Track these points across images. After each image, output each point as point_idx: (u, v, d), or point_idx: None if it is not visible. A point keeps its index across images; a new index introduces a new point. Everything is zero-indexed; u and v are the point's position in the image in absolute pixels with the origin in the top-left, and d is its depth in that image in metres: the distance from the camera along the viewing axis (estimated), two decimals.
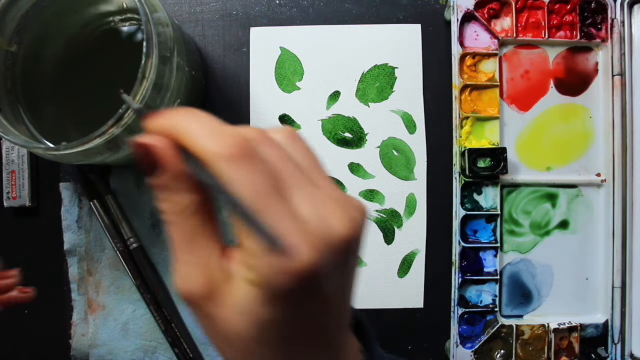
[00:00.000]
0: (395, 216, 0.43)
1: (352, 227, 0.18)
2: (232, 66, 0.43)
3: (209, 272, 0.18)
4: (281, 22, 0.43)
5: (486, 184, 0.42)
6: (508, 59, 0.43)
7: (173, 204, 0.19)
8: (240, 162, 0.17)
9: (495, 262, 0.42)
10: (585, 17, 0.42)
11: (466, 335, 0.42)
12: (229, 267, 0.19)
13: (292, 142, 0.20)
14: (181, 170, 0.18)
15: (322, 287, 0.18)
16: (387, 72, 0.43)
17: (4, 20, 0.33)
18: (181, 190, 0.19)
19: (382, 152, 0.43)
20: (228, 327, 0.18)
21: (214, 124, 0.18)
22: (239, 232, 0.18)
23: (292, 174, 0.18)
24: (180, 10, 0.43)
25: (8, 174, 0.42)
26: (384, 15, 0.43)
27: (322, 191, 0.19)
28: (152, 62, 0.30)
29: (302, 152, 0.20)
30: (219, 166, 0.17)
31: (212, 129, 0.18)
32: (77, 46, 0.38)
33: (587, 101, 0.43)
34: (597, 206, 0.43)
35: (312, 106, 0.43)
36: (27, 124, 0.36)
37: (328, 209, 0.18)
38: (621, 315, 0.41)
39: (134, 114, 0.21)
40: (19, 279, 0.36)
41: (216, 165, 0.17)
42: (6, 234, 0.44)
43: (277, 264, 0.17)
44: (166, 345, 0.42)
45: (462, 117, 0.41)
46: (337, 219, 0.18)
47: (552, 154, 0.43)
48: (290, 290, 0.17)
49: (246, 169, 0.17)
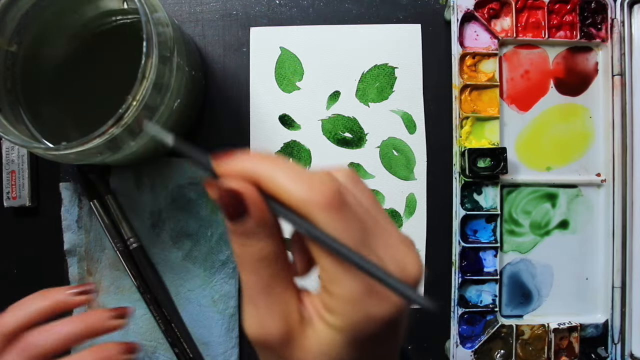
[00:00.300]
0: (395, 216, 0.43)
1: (420, 267, 0.19)
2: (232, 66, 0.43)
3: (287, 318, 0.19)
4: (281, 22, 0.43)
5: (486, 184, 0.42)
6: (508, 59, 0.43)
7: (255, 250, 0.18)
8: (336, 210, 0.17)
9: (495, 262, 0.42)
10: (585, 17, 0.42)
11: (466, 335, 0.42)
12: (304, 311, 0.19)
13: (355, 184, 0.20)
14: (268, 217, 0.18)
15: (399, 327, 0.19)
16: (387, 72, 0.43)
17: (4, 20, 0.33)
18: (265, 237, 0.18)
19: (382, 152, 0.43)
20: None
21: (299, 169, 0.18)
22: (324, 277, 0.18)
23: (372, 221, 0.19)
24: (180, 10, 0.43)
25: (8, 174, 0.42)
26: (384, 15, 0.43)
27: (391, 235, 0.19)
28: (152, 62, 0.30)
29: (366, 194, 0.20)
30: (316, 214, 0.17)
31: (300, 174, 0.18)
32: (77, 46, 0.38)
33: (587, 101, 0.43)
34: (597, 206, 0.43)
35: (312, 106, 0.43)
36: (27, 124, 0.36)
37: (401, 253, 0.19)
38: (621, 315, 0.41)
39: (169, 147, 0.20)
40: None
41: (313, 214, 0.17)
42: (6, 234, 0.44)
43: (367, 309, 0.17)
44: (166, 345, 0.42)
45: (462, 117, 0.41)
46: (411, 263, 0.19)
47: (552, 154, 0.43)
48: (375, 334, 0.18)
49: (341, 217, 0.17)
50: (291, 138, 0.43)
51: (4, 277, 0.44)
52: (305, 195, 0.17)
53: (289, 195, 0.17)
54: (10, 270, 0.44)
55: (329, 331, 0.18)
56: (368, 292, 0.18)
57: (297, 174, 0.18)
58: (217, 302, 0.42)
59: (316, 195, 0.17)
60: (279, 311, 0.19)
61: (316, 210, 0.17)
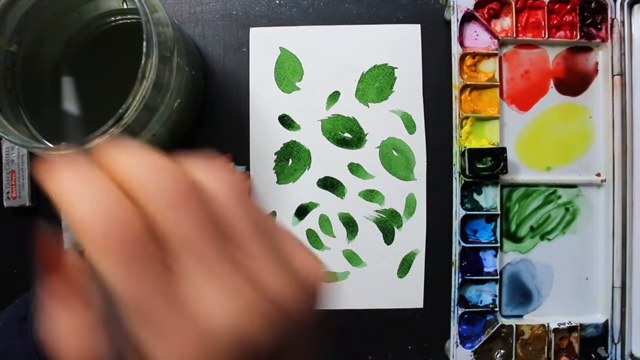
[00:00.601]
0: (395, 216, 0.43)
1: (246, 322, 0.14)
2: (232, 66, 0.43)
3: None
4: (281, 22, 0.43)
5: (486, 184, 0.42)
6: (508, 59, 0.43)
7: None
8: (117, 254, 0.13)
9: (495, 262, 0.42)
10: (585, 17, 0.42)
11: (466, 335, 0.42)
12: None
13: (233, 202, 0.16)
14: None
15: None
16: (387, 72, 0.43)
17: (4, 20, 0.33)
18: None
19: (382, 152, 0.43)
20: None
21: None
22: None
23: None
24: (180, 10, 0.43)
25: (8, 174, 0.42)
26: (384, 15, 0.43)
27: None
28: (152, 62, 0.30)
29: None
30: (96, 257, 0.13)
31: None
32: (77, 46, 0.38)
33: (587, 101, 0.43)
34: (597, 206, 0.43)
35: (311, 106, 0.43)
36: (27, 124, 0.36)
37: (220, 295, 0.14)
38: (621, 315, 0.41)
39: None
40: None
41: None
42: (6, 234, 0.44)
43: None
44: None
45: (462, 117, 0.41)
46: (224, 308, 0.14)
47: (552, 154, 0.43)
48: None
49: (122, 263, 0.13)
50: (291, 138, 0.43)
51: (4, 277, 0.44)
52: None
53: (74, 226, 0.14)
54: (10, 270, 0.44)
55: None
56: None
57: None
58: None
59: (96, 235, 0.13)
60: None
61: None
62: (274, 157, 0.43)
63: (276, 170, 0.43)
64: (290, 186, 0.43)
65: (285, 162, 0.43)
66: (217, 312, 0.14)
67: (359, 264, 0.43)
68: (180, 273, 0.14)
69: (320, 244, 0.43)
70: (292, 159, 0.43)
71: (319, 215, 0.43)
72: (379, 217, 0.43)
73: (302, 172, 0.43)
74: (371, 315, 0.43)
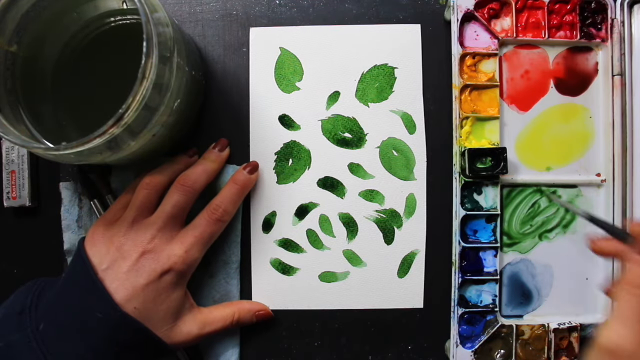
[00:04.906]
0: (395, 216, 0.43)
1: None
2: (232, 66, 0.43)
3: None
4: (281, 22, 0.43)
5: (486, 184, 0.42)
6: (508, 59, 0.43)
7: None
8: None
9: (495, 262, 0.42)
10: (585, 17, 0.42)
11: (466, 335, 0.42)
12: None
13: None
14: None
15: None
16: (387, 72, 0.43)
17: (4, 20, 0.33)
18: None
19: (382, 152, 0.43)
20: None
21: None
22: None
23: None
24: (180, 10, 0.43)
25: (8, 174, 0.42)
26: (384, 15, 0.43)
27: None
28: (152, 62, 0.30)
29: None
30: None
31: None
32: (77, 46, 0.38)
33: (587, 101, 0.43)
34: (597, 206, 0.43)
35: (311, 106, 0.43)
36: (27, 124, 0.36)
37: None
38: None
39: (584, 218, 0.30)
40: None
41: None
42: (6, 234, 0.44)
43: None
44: None
45: (462, 117, 0.41)
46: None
47: (552, 154, 0.43)
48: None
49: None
50: (291, 138, 0.43)
51: (4, 277, 0.44)
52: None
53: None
54: (10, 270, 0.44)
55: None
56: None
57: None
58: (218, 302, 0.42)
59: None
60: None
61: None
62: (274, 157, 0.43)
63: (276, 170, 0.43)
64: (290, 186, 0.43)
65: (285, 162, 0.43)
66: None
67: (359, 264, 0.43)
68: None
69: (320, 244, 0.43)
70: (292, 159, 0.43)
71: (319, 215, 0.43)
72: (379, 217, 0.43)
73: (302, 172, 0.43)
74: (371, 315, 0.43)
